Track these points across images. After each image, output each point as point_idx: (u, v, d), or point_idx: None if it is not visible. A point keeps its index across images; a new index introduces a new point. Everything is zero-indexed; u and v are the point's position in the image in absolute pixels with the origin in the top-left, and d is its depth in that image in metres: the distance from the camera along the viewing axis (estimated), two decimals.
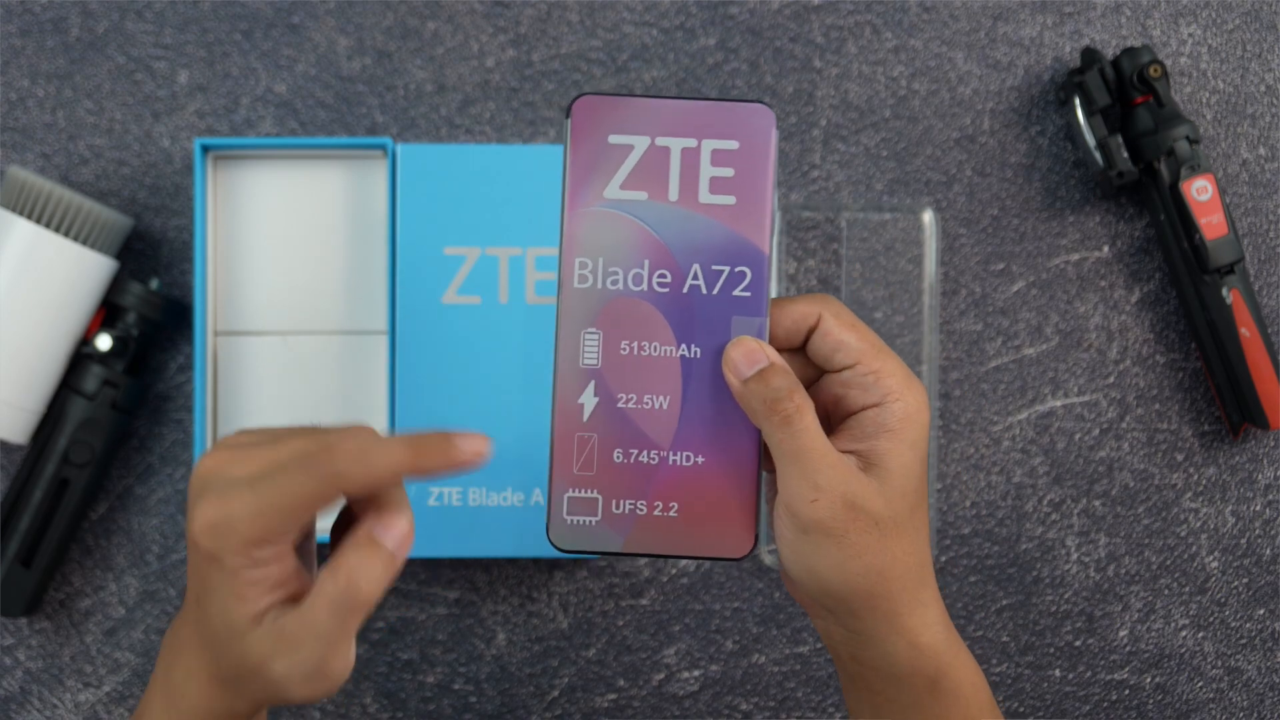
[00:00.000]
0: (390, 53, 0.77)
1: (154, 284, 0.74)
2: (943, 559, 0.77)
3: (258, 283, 0.75)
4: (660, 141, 0.48)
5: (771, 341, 0.48)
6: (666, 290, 0.48)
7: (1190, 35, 0.79)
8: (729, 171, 0.48)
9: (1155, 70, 0.74)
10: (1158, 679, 0.77)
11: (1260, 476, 0.78)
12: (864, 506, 0.46)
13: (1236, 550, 0.78)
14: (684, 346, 0.48)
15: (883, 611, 0.48)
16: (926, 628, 0.49)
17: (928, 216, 0.76)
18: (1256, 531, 0.78)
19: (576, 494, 0.49)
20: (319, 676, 0.45)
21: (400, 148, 0.72)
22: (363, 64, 0.77)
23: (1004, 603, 0.77)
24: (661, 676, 0.76)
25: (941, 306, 0.77)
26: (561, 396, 0.48)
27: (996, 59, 0.78)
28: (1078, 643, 0.77)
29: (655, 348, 0.48)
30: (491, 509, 0.71)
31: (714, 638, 0.76)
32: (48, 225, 0.70)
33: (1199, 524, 0.77)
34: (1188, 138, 0.74)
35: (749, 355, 0.47)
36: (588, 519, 0.48)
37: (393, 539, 0.45)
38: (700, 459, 0.48)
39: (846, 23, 0.78)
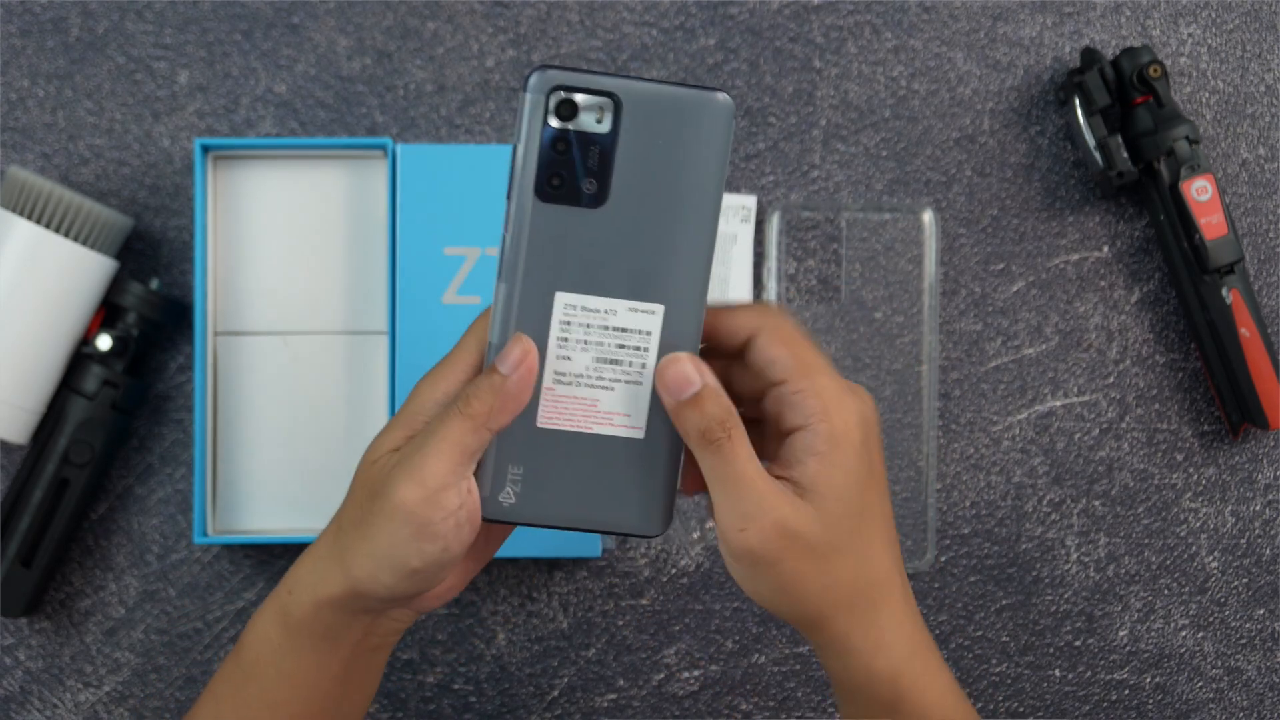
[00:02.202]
0: (390, 53, 0.77)
1: (154, 284, 0.74)
2: (943, 559, 0.77)
3: (258, 283, 0.75)
4: None
5: (712, 347, 0.47)
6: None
7: (1190, 35, 0.79)
8: None
9: (1155, 70, 0.74)
10: (1158, 679, 0.77)
11: (1260, 476, 0.78)
12: (797, 532, 0.45)
13: (1236, 550, 0.78)
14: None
15: (831, 634, 0.48)
16: (881, 651, 0.48)
17: (928, 216, 0.76)
18: (1256, 531, 0.78)
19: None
20: (427, 468, 0.45)
21: (400, 148, 0.72)
22: (363, 64, 0.77)
23: (1004, 603, 0.77)
24: (661, 676, 0.76)
25: (941, 306, 0.77)
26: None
27: (996, 59, 0.78)
28: (1078, 643, 0.77)
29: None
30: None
31: (714, 638, 0.76)
32: (48, 225, 0.70)
33: (1199, 524, 0.77)
34: (1187, 138, 0.74)
35: (682, 378, 0.46)
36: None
37: (505, 364, 0.46)
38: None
39: (846, 23, 0.78)
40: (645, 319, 0.47)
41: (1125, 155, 0.74)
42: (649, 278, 0.46)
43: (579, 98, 0.46)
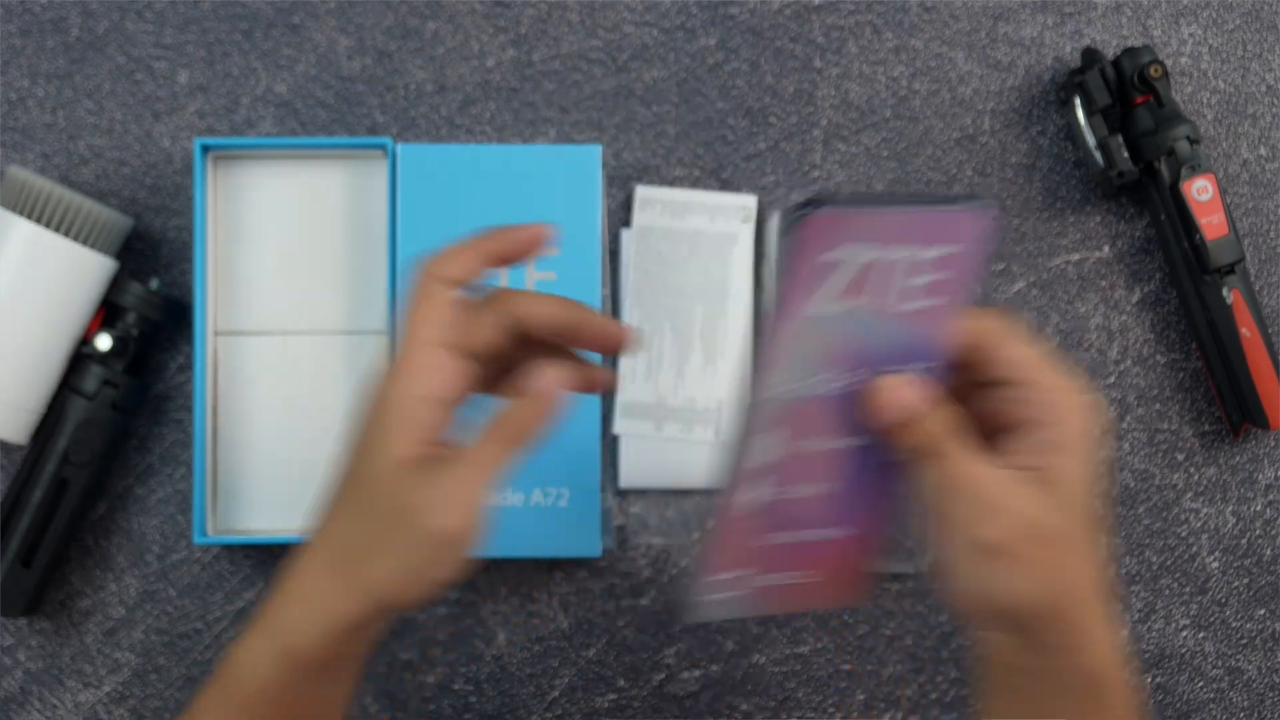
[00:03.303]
0: (390, 53, 0.77)
1: (154, 284, 0.74)
2: None
3: (258, 283, 0.75)
4: (874, 255, 0.46)
5: (959, 359, 0.49)
6: (846, 390, 0.48)
7: (1191, 35, 0.79)
8: (938, 276, 0.47)
9: (1156, 70, 0.74)
10: (1158, 679, 0.77)
11: (1260, 476, 0.78)
12: (1043, 521, 0.46)
13: (1237, 550, 0.78)
14: (851, 438, 0.49)
15: (1056, 630, 0.47)
16: (1094, 649, 0.48)
17: None
18: (1257, 531, 0.78)
19: (727, 575, 0.50)
20: (466, 496, 0.48)
21: (400, 148, 0.72)
22: (363, 64, 0.77)
23: None
24: (661, 676, 0.76)
25: None
26: (733, 488, 0.49)
27: (997, 59, 0.78)
28: None
29: (824, 442, 0.49)
30: (492, 509, 0.71)
31: (714, 638, 0.76)
32: (48, 225, 0.70)
33: (1199, 524, 0.77)
34: (1188, 138, 0.74)
35: (899, 397, 0.47)
36: (735, 594, 0.51)
37: (539, 385, 0.49)
38: (842, 531, 0.50)
39: (847, 23, 0.78)
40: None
41: (1126, 155, 0.74)
42: None
43: None
